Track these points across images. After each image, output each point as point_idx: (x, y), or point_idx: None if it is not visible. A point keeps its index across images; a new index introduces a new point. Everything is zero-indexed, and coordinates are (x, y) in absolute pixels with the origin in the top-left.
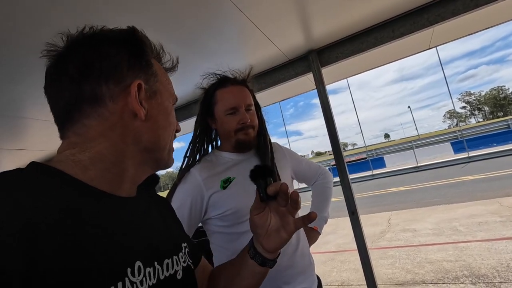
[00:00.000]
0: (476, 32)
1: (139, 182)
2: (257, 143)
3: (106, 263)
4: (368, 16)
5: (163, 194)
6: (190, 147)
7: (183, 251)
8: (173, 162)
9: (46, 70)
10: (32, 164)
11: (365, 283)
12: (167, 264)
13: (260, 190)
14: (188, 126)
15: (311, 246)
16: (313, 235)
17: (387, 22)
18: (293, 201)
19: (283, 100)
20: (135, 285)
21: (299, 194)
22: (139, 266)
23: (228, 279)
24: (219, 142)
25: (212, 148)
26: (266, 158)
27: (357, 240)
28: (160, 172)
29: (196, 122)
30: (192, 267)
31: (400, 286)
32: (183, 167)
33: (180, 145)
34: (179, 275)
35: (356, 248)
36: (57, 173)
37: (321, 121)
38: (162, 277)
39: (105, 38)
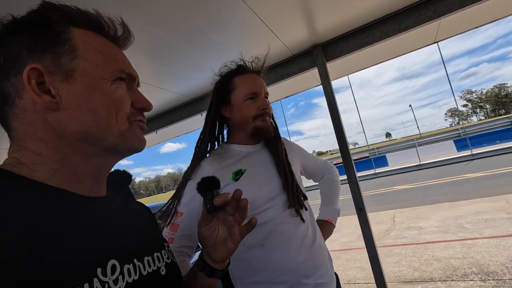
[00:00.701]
0: (483, 25)
1: (102, 177)
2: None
3: (68, 265)
4: (374, 9)
5: (166, 195)
6: (202, 137)
7: (166, 249)
8: (140, 144)
9: None
10: None
11: (372, 281)
12: (148, 261)
13: (206, 201)
14: (191, 124)
15: None
16: (327, 228)
17: (393, 15)
18: (242, 209)
19: (287, 97)
20: (106, 284)
21: (307, 191)
22: (113, 265)
23: None
24: (225, 138)
25: (219, 141)
26: (279, 149)
27: (365, 237)
28: (162, 174)
29: (209, 109)
30: (177, 264)
31: (408, 284)
32: (193, 160)
33: (181, 146)
34: (162, 270)
35: (362, 246)
36: (8, 174)
37: (322, 121)
38: (145, 273)
39: (5, 30)
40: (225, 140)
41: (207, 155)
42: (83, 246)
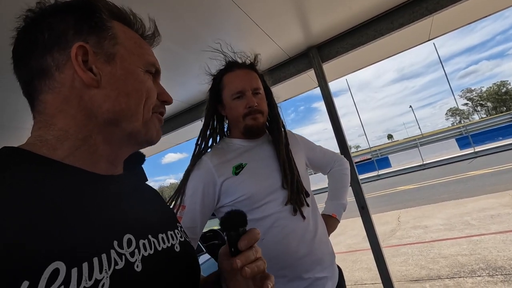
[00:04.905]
0: (476, 20)
1: (118, 161)
2: (270, 129)
3: (86, 237)
4: (367, 8)
5: None
6: (201, 134)
7: (179, 229)
8: (157, 136)
9: None
10: (3, 148)
11: (379, 281)
12: (162, 237)
13: (230, 243)
14: (192, 131)
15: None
16: (331, 223)
17: (386, 14)
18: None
19: (285, 100)
20: (123, 256)
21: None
22: (129, 239)
23: None
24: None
25: (221, 136)
26: (280, 144)
27: (369, 236)
28: (165, 184)
29: (206, 109)
30: (191, 244)
31: (415, 283)
32: (194, 154)
33: (182, 156)
34: (176, 248)
35: (367, 248)
36: (26, 154)
37: (323, 125)
38: (159, 249)
39: (50, 10)
40: (227, 134)
41: (209, 149)
42: (99, 221)
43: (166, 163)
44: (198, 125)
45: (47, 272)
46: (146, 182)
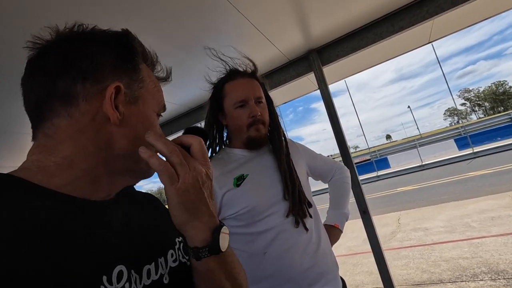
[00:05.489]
0: (476, 23)
1: (114, 192)
2: (271, 139)
3: (74, 273)
4: (367, 12)
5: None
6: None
7: (176, 246)
8: (153, 172)
9: (26, 62)
10: None
11: (380, 285)
12: (148, 270)
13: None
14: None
15: None
16: (334, 233)
17: (386, 17)
18: None
19: (285, 103)
20: None
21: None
22: (120, 271)
23: None
24: (226, 141)
25: (221, 145)
26: (281, 154)
27: (370, 240)
28: (162, 185)
29: (206, 118)
30: (188, 263)
31: (417, 287)
32: None
33: None
34: (165, 279)
35: (368, 250)
36: (16, 181)
37: (321, 126)
38: (147, 283)
39: (93, 37)
40: (226, 143)
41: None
42: (89, 254)
43: None
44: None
45: None
46: (141, 191)
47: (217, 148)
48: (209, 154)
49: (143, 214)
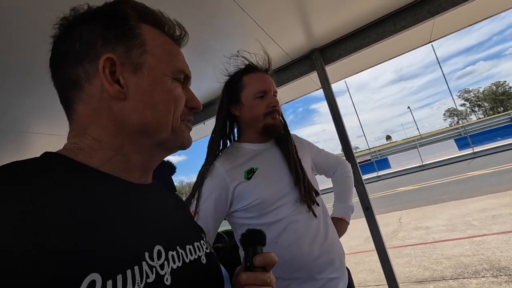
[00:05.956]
0: (476, 22)
1: (151, 169)
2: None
3: (120, 247)
4: (369, 11)
5: None
6: (214, 135)
7: (204, 239)
8: (188, 142)
9: None
10: (45, 154)
11: (383, 283)
12: (189, 249)
13: (247, 258)
14: (193, 134)
15: None
16: (342, 226)
17: (388, 16)
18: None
19: (287, 102)
20: (154, 268)
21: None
22: (159, 250)
23: None
24: (236, 136)
25: (231, 140)
26: (289, 145)
27: (373, 237)
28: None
29: (219, 108)
30: (215, 255)
31: (419, 284)
32: (207, 158)
33: (181, 158)
34: (203, 259)
35: (369, 249)
36: (65, 159)
37: (321, 126)
38: (187, 261)
39: (81, 18)
40: (236, 138)
41: (220, 154)
42: (132, 231)
43: None
44: (199, 128)
45: (85, 284)
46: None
47: (228, 143)
48: (220, 147)
49: (177, 204)
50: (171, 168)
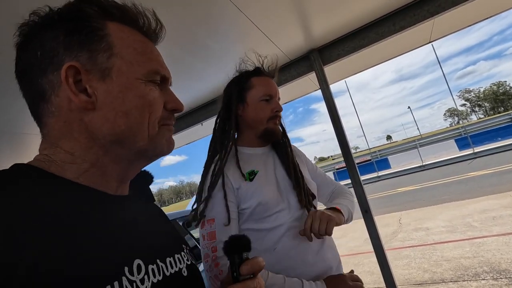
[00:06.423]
0: (476, 23)
1: (128, 179)
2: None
3: (99, 262)
4: (368, 11)
5: (169, 208)
6: (217, 134)
7: (185, 250)
8: (168, 148)
9: None
10: (15, 165)
11: (382, 285)
12: (170, 262)
13: (233, 267)
14: (191, 135)
15: None
16: (335, 214)
17: (387, 16)
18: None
19: (286, 102)
20: (134, 283)
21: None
22: (138, 264)
23: None
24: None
25: (234, 138)
26: (286, 152)
27: (372, 240)
28: (164, 187)
29: (223, 103)
30: (197, 266)
31: (419, 286)
32: (208, 158)
33: (181, 158)
34: (184, 272)
35: (369, 251)
36: (39, 171)
37: (321, 126)
38: (168, 274)
39: (41, 22)
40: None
41: (223, 157)
42: (110, 245)
43: (165, 166)
44: (197, 128)
45: None
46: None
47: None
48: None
49: (156, 215)
50: (148, 177)
